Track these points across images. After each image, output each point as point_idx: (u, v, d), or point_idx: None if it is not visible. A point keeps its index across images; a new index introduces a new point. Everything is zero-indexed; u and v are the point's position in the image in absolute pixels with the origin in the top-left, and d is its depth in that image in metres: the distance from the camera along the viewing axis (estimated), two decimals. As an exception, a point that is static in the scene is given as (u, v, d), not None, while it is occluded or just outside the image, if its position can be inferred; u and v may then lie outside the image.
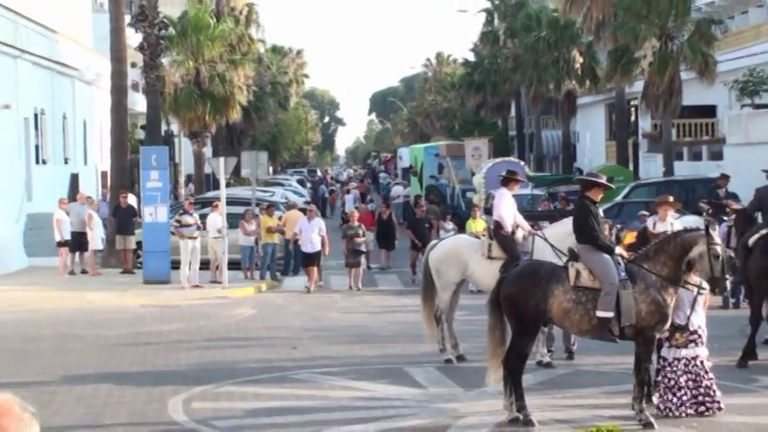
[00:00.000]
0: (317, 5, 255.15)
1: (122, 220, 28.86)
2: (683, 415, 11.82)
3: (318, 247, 25.47)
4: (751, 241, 15.38)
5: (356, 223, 27.10)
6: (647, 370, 11.90)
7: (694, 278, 11.83)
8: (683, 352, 12.00)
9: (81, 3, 43.91)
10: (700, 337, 12.12)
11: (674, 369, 11.96)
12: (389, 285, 27.01)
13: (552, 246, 14.58)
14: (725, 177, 26.13)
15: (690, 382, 11.94)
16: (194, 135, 46.46)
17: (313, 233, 25.41)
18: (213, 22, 44.42)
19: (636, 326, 11.59)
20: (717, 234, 11.72)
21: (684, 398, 11.90)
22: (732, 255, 15.63)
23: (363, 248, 26.66)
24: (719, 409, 11.97)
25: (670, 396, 11.96)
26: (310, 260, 25.44)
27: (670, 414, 11.91)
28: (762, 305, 15.08)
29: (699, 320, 12.18)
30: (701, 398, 11.95)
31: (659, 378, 12.19)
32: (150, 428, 11.79)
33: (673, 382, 11.96)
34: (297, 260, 27.55)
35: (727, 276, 11.93)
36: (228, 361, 15.98)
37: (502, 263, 14.93)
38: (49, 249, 28.85)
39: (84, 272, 28.31)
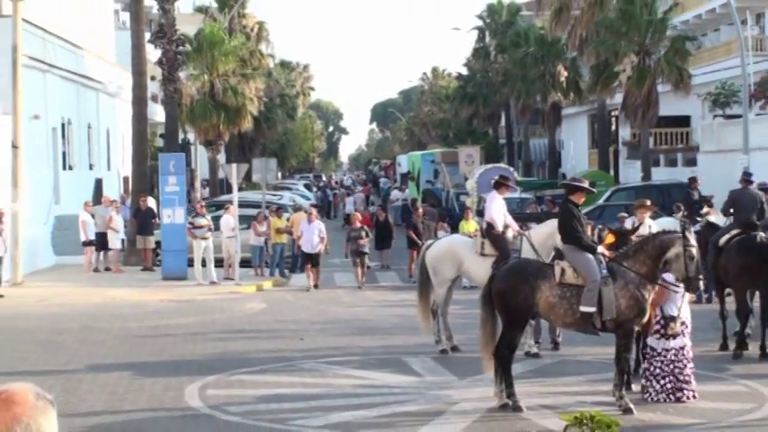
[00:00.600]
0: (322, 23, 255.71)
1: (142, 221, 28.91)
2: (663, 400, 11.85)
3: (318, 248, 25.28)
4: (722, 241, 15.36)
5: (358, 225, 27.04)
6: (626, 360, 11.92)
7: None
8: (672, 342, 12.05)
9: (104, 21, 43.96)
10: (687, 327, 12.22)
11: (662, 359, 12.00)
12: (389, 282, 27.02)
13: (532, 245, 14.62)
14: (694, 179, 26.13)
15: (675, 370, 12.01)
16: (209, 143, 46.47)
17: (313, 235, 25.27)
18: (226, 39, 44.42)
19: (616, 319, 11.61)
20: (692, 236, 11.73)
21: (668, 385, 11.96)
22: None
23: (366, 249, 26.61)
24: (694, 396, 12.01)
25: (653, 383, 11.99)
26: (310, 260, 25.28)
27: (650, 399, 11.94)
28: (745, 299, 15.01)
29: (685, 313, 12.25)
30: (680, 384, 12.01)
31: (645, 366, 12.21)
32: (168, 414, 11.79)
33: (658, 371, 12.00)
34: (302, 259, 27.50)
35: (701, 276, 11.93)
36: (240, 351, 15.98)
37: (494, 259, 14.98)
38: (75, 248, 28.89)
39: (107, 269, 28.35)
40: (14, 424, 2.33)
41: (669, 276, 11.90)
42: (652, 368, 12.06)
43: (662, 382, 11.97)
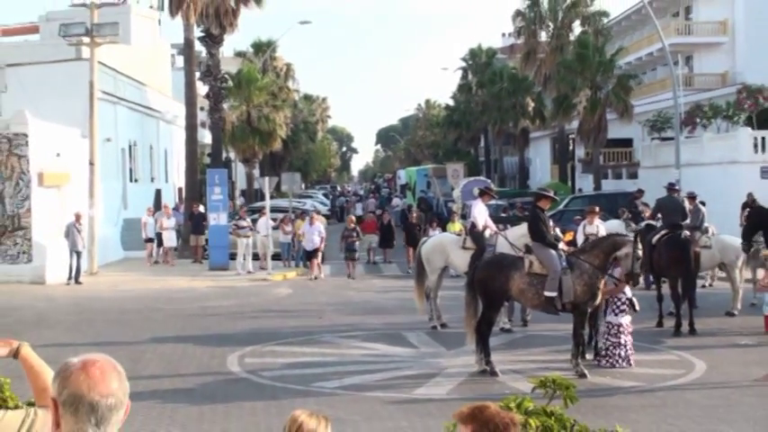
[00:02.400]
0: (338, 63, 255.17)
1: (195, 223, 28.92)
2: (625, 365, 11.87)
3: (317, 245, 24.61)
4: (654, 240, 15.40)
5: (352, 226, 26.25)
6: (581, 335, 11.91)
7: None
8: (628, 318, 12.14)
9: (163, 63, 44.02)
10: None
11: (621, 331, 12.04)
12: (391, 272, 26.89)
13: (511, 243, 14.61)
14: (641, 191, 26.13)
15: (630, 341, 12.07)
16: (246, 160, 46.48)
17: (314, 234, 24.67)
18: (260, 77, 44.46)
19: (573, 302, 11.60)
20: (639, 243, 11.82)
21: (628, 353, 12.00)
22: None
23: (356, 247, 25.55)
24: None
25: (619, 351, 11.99)
26: (311, 255, 24.71)
27: (617, 365, 11.90)
28: (677, 287, 14.99)
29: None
30: (631, 352, 12.07)
31: (612, 340, 12.12)
32: (214, 377, 11.78)
33: (621, 341, 12.03)
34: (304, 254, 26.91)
35: (640, 273, 12.12)
36: (271, 327, 15.95)
37: (473, 252, 15.01)
38: (139, 245, 28.91)
39: (165, 261, 28.32)
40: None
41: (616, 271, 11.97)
42: (618, 340, 12.03)
43: (623, 350, 12.00)
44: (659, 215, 16.12)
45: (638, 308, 12.27)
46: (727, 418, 9.56)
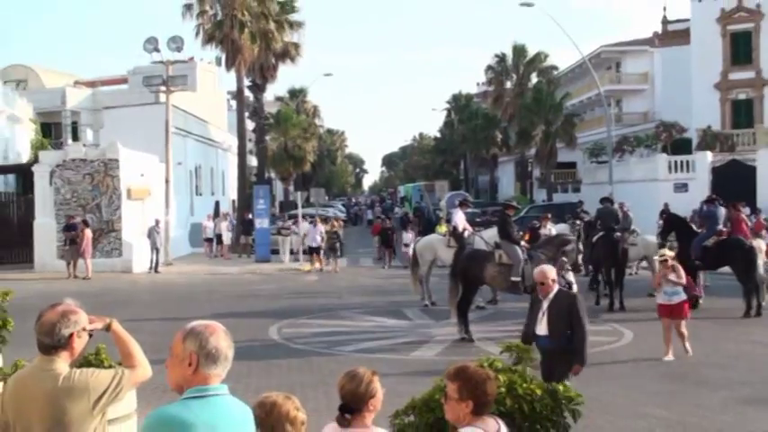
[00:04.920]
0: (353, 105, 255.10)
1: (246, 226, 28.95)
2: None
3: (319, 243, 23.96)
4: (594, 239, 15.44)
5: (334, 229, 25.50)
6: (538, 310, 11.88)
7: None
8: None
9: (220, 105, 44.19)
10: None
11: None
12: (393, 264, 26.79)
13: (485, 241, 14.58)
14: (581, 202, 26.14)
15: None
16: (283, 179, 46.53)
17: (316, 234, 24.08)
18: (294, 116, 44.52)
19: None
20: (579, 242, 11.86)
21: None
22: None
23: (337, 246, 24.65)
24: None
25: None
26: (314, 251, 24.11)
27: None
28: (610, 274, 14.98)
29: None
30: None
31: None
32: (259, 343, 11.76)
33: None
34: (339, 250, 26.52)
35: (581, 262, 12.13)
36: (303, 305, 15.94)
37: (456, 249, 14.97)
38: (203, 243, 28.88)
39: (221, 256, 28.29)
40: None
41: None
42: None
43: None
44: (599, 221, 16.15)
45: (575, 289, 12.16)
46: (648, 374, 9.53)
